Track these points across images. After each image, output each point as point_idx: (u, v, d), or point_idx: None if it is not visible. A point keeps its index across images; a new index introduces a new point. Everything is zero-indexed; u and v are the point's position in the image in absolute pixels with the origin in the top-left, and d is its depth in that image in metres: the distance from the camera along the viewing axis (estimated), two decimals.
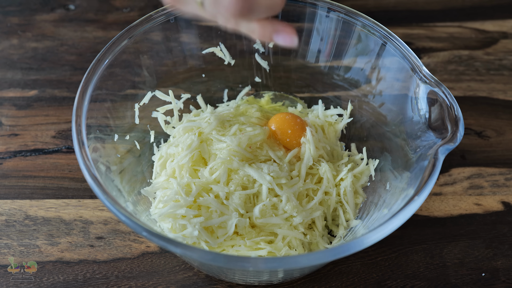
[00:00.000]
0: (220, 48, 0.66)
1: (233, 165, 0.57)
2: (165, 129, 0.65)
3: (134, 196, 0.58)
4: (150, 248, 0.62)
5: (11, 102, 0.76)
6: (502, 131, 0.75)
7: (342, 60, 0.65)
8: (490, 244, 0.63)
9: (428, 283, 0.60)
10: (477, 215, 0.66)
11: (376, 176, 0.61)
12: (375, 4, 0.93)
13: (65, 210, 0.65)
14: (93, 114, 0.54)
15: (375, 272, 0.61)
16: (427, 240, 0.63)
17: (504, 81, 0.81)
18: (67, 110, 0.75)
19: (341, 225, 0.59)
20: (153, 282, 0.59)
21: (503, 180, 0.69)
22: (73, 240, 0.62)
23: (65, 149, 0.71)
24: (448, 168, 0.70)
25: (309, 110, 0.70)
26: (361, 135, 0.66)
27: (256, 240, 0.55)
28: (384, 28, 0.59)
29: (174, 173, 0.59)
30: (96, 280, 0.59)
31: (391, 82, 0.61)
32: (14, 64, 0.81)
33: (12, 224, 0.64)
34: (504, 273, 0.61)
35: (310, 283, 0.60)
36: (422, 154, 0.52)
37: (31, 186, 0.67)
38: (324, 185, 0.59)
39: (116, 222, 0.64)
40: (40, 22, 0.87)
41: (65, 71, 0.81)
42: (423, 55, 0.84)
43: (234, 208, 0.55)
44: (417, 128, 0.55)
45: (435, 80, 0.54)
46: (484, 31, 0.88)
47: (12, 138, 0.72)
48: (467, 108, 0.77)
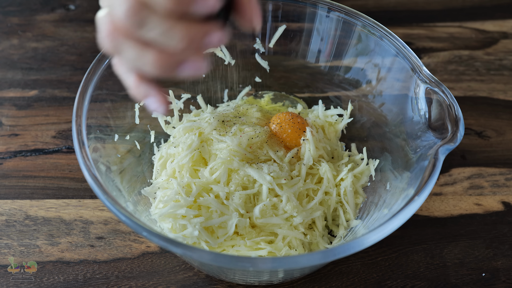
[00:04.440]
0: (220, 48, 0.66)
1: (233, 165, 0.57)
2: (165, 129, 0.65)
3: (134, 196, 0.58)
4: (150, 248, 0.62)
5: (11, 102, 0.76)
6: (502, 131, 0.75)
7: (342, 60, 0.65)
8: (491, 244, 0.63)
9: (428, 283, 0.60)
10: (477, 215, 0.66)
11: (376, 176, 0.61)
12: (375, 4, 0.93)
13: (65, 210, 0.65)
14: (93, 114, 0.54)
15: (375, 272, 0.61)
16: (427, 240, 0.63)
17: (504, 81, 0.81)
18: (67, 110, 0.75)
19: (341, 225, 0.59)
20: (153, 282, 0.59)
21: (503, 180, 0.69)
22: (73, 240, 0.62)
23: (66, 149, 0.71)
24: (448, 168, 0.70)
25: (309, 110, 0.70)
26: (361, 135, 0.66)
27: (256, 240, 0.55)
28: (384, 28, 0.59)
29: (174, 173, 0.59)
30: (96, 280, 0.59)
31: (391, 82, 0.61)
32: (14, 64, 0.81)
33: (12, 224, 0.64)
34: (505, 273, 0.61)
35: (310, 283, 0.60)
36: (422, 154, 0.52)
37: (31, 186, 0.67)
38: (324, 185, 0.59)
39: (117, 222, 0.64)
40: (40, 22, 0.87)
41: (65, 71, 0.81)
42: (423, 55, 0.84)
43: (234, 208, 0.55)
44: (417, 128, 0.55)
45: (435, 80, 0.54)
46: (484, 31, 0.88)
47: (12, 138, 0.72)
48: (467, 108, 0.77)
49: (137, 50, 0.36)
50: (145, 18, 0.35)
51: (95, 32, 0.39)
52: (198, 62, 0.37)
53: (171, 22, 0.35)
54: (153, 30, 0.35)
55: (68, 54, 0.83)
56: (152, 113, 0.64)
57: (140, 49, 0.36)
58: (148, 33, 0.35)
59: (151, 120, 0.65)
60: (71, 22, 0.88)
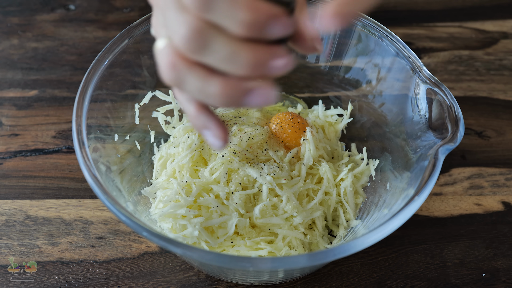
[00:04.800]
0: None
1: (233, 165, 0.57)
2: (166, 129, 0.65)
3: (134, 196, 0.58)
4: (151, 248, 0.62)
5: (11, 102, 0.76)
6: (502, 131, 0.75)
7: (342, 60, 0.65)
8: (491, 244, 0.63)
9: (428, 283, 0.60)
10: (477, 215, 0.66)
11: (377, 176, 0.61)
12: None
13: (65, 210, 0.65)
14: (93, 114, 0.54)
15: (375, 272, 0.61)
16: (427, 240, 0.63)
17: (504, 81, 0.81)
18: (67, 110, 0.75)
19: (341, 225, 0.59)
20: (153, 282, 0.59)
21: (503, 180, 0.69)
22: (73, 240, 0.62)
23: (66, 149, 0.71)
24: (448, 168, 0.70)
25: (309, 110, 0.70)
26: (361, 135, 0.66)
27: (256, 240, 0.55)
28: (384, 28, 0.59)
29: (174, 173, 0.59)
30: (97, 280, 0.59)
31: (391, 82, 0.61)
32: (14, 64, 0.81)
33: (13, 224, 0.64)
34: (505, 273, 0.61)
35: (310, 283, 0.60)
36: (423, 154, 0.52)
37: (32, 186, 0.67)
38: (324, 185, 0.59)
39: (117, 222, 0.64)
40: (40, 22, 0.87)
41: (65, 71, 0.81)
42: (423, 55, 0.84)
43: (234, 208, 0.55)
44: (417, 128, 0.55)
45: (435, 80, 0.54)
46: (484, 31, 0.88)
47: (12, 138, 0.72)
48: (467, 108, 0.77)
49: (200, 81, 0.34)
50: (209, 40, 0.32)
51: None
52: (267, 90, 0.34)
53: (236, 44, 0.32)
54: (217, 53, 0.32)
55: (68, 54, 0.83)
56: (152, 113, 0.64)
57: (204, 79, 0.34)
58: (211, 57, 0.33)
59: (151, 120, 0.65)
60: (71, 22, 0.88)
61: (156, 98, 0.64)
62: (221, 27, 0.32)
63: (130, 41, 0.59)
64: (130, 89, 0.63)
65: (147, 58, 0.64)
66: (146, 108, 0.64)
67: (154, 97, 0.64)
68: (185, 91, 0.35)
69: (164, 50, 0.34)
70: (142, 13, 0.88)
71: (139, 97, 0.63)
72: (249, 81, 0.33)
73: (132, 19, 0.86)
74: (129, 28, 0.59)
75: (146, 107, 0.63)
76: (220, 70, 0.33)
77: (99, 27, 0.87)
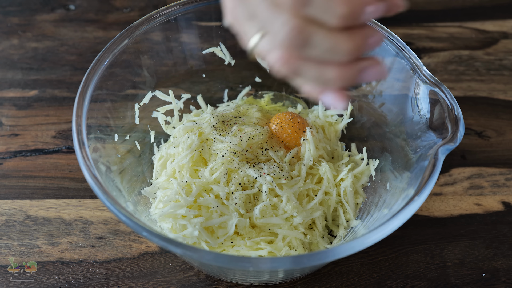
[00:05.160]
0: (220, 48, 0.66)
1: (233, 165, 0.57)
2: (166, 129, 0.65)
3: (134, 196, 0.58)
4: (151, 248, 0.62)
5: (11, 102, 0.76)
6: (502, 131, 0.75)
7: None
8: (491, 244, 0.63)
9: (429, 283, 0.60)
10: (477, 215, 0.66)
11: (377, 176, 0.61)
12: None
13: (65, 210, 0.65)
14: (93, 114, 0.54)
15: (375, 272, 0.61)
16: (427, 240, 0.63)
17: (504, 81, 0.81)
18: (67, 110, 0.75)
19: (341, 225, 0.59)
20: (153, 282, 0.59)
21: (503, 180, 0.69)
22: (73, 240, 0.62)
23: (66, 149, 0.71)
24: (448, 168, 0.70)
25: (309, 110, 0.70)
26: (361, 135, 0.66)
27: (256, 240, 0.55)
28: (384, 28, 0.59)
29: (174, 173, 0.59)
30: (97, 280, 0.59)
31: (391, 82, 0.61)
32: (14, 64, 0.81)
33: (13, 224, 0.64)
34: (505, 273, 0.61)
35: (310, 283, 0.60)
36: (423, 154, 0.52)
37: (32, 186, 0.67)
38: (324, 185, 0.59)
39: (117, 222, 0.64)
40: (40, 22, 0.87)
41: (65, 71, 0.81)
42: (423, 55, 0.84)
43: (234, 208, 0.55)
44: (418, 128, 0.55)
45: (435, 80, 0.54)
46: (485, 31, 0.88)
47: (12, 138, 0.72)
48: (467, 108, 0.77)
49: (316, 70, 0.36)
50: (310, 36, 0.34)
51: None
52: (378, 65, 0.37)
53: (335, 36, 0.34)
54: (319, 46, 0.34)
55: (68, 54, 0.83)
56: (152, 113, 0.64)
57: (319, 68, 0.36)
58: (314, 50, 0.35)
59: (151, 120, 0.65)
60: (71, 22, 0.88)
61: (156, 98, 0.64)
62: (318, 21, 0.34)
63: (130, 41, 0.59)
64: (130, 89, 0.63)
65: (147, 58, 0.64)
66: (146, 108, 0.64)
67: (154, 97, 0.64)
68: (305, 79, 0.37)
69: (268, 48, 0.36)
70: (142, 13, 0.88)
71: (139, 97, 0.63)
72: (360, 62, 0.36)
73: (132, 19, 0.86)
74: (129, 28, 0.59)
75: (146, 107, 0.63)
76: (325, 60, 0.35)
77: (99, 27, 0.87)
